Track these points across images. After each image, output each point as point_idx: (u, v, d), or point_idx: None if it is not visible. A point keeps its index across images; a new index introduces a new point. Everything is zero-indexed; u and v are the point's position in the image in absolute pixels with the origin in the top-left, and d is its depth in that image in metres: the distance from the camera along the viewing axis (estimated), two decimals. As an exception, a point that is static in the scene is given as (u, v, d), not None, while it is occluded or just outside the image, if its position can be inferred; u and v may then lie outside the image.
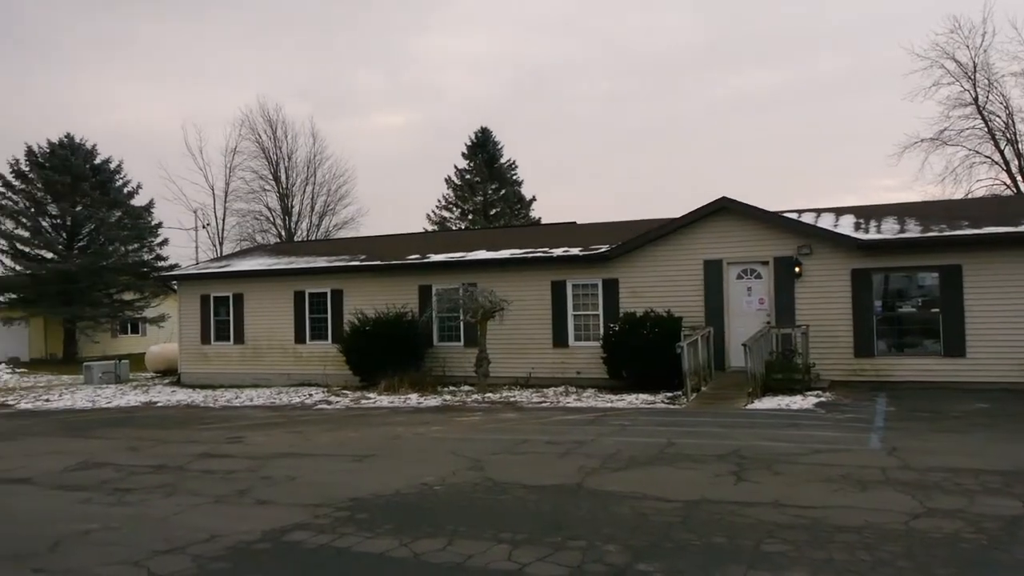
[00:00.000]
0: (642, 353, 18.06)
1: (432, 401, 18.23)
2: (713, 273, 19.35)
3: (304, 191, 52.64)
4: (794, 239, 18.72)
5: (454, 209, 56.10)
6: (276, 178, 52.00)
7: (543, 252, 21.12)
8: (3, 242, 41.55)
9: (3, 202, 41.78)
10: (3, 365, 38.55)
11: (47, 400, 22.49)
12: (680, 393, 16.78)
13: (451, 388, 20.11)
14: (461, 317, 21.01)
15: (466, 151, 56.29)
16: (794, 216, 19.76)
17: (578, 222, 27.06)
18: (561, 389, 19.30)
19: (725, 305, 19.26)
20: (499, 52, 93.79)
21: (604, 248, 20.30)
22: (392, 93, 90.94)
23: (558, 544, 6.20)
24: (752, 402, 15.43)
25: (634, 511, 7.27)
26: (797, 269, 18.62)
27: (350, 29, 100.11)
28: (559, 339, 20.72)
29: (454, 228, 52.39)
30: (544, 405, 17.03)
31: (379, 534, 6.69)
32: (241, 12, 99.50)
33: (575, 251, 20.68)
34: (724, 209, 19.29)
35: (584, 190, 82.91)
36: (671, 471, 9.21)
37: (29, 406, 21.32)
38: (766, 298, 18.99)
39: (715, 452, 10.19)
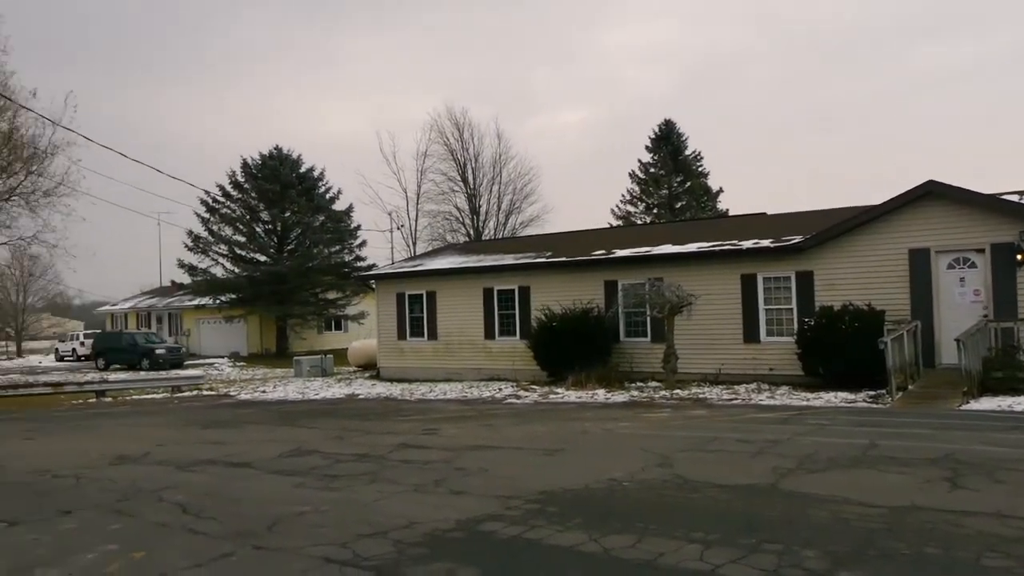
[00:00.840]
0: (840, 349, 17.11)
1: (619, 397, 18.18)
2: (919, 263, 18.01)
3: (490, 190, 54.09)
4: (1014, 223, 17.05)
5: (638, 203, 55.64)
6: (464, 179, 53.74)
7: (731, 245, 20.50)
8: (224, 247, 45.56)
9: (223, 210, 45.79)
10: (226, 359, 42.32)
11: (263, 392, 24.45)
12: (883, 392, 15.75)
13: (638, 384, 19.96)
14: (647, 312, 20.81)
15: (650, 144, 55.65)
16: (1014, 198, 17.99)
17: (768, 212, 26.05)
18: (752, 386, 18.66)
19: (934, 297, 17.88)
20: (676, 42, 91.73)
21: (797, 239, 19.41)
22: (571, 90, 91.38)
23: (752, 546, 6.00)
24: (967, 402, 14.24)
25: (834, 515, 6.90)
26: (1020, 257, 16.95)
27: (529, 30, 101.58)
28: (750, 335, 20.04)
29: (639, 223, 51.95)
30: (735, 402, 16.54)
31: (569, 528, 6.75)
32: (425, 20, 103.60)
33: (766, 243, 19.92)
34: (930, 193, 17.91)
35: (772, 179, 79.66)
36: (875, 474, 8.66)
37: (248, 397, 23.26)
38: (981, 289, 17.45)
39: (925, 455, 9.48)
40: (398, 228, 53.93)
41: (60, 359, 52.12)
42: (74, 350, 51.25)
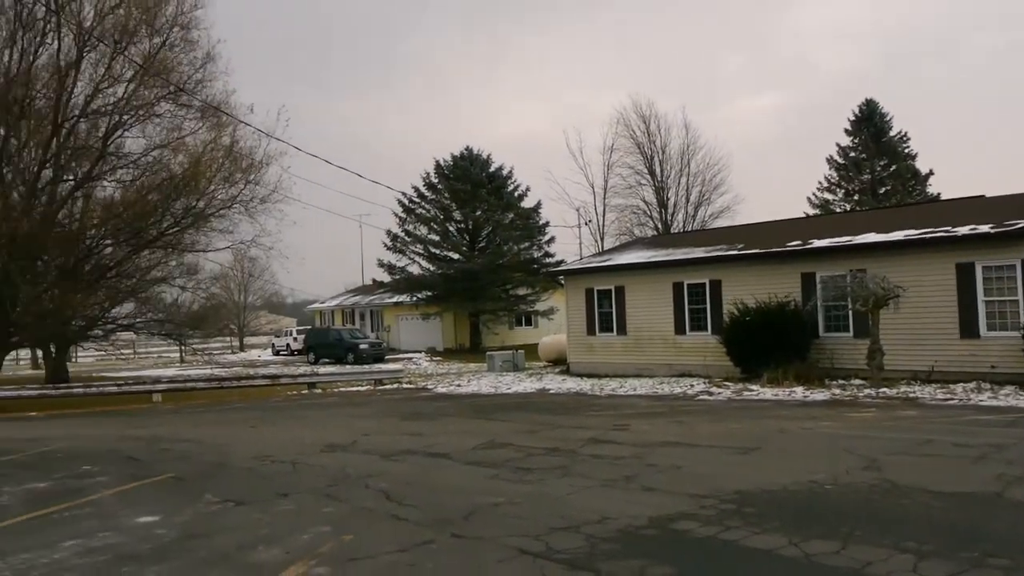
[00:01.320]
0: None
1: (819, 395, 17.30)
2: None
3: (678, 183, 53.10)
4: None
5: (837, 190, 52.70)
6: (651, 172, 53.08)
7: (944, 232, 18.95)
8: (420, 246, 47.61)
9: (418, 211, 47.85)
10: (423, 354, 44.21)
11: (458, 385, 25.33)
12: None
13: (839, 381, 18.90)
14: (849, 306, 19.65)
15: (849, 127, 52.55)
16: None
17: (987, 195, 23.85)
18: (972, 385, 17.16)
19: None
20: (872, 17, 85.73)
21: (1022, 223, 17.64)
22: (760, 76, 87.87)
23: (975, 560, 5.52)
24: None
25: (1073, 530, 6.22)
26: None
27: (713, 16, 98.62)
28: (967, 329, 18.44)
29: (838, 210, 49.18)
30: (950, 402, 15.29)
31: (767, 530, 6.50)
32: (607, 16, 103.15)
33: (985, 228, 18.25)
34: None
35: (990, 159, 72.90)
36: (1122, 486, 7.72)
37: (444, 390, 24.18)
38: None
39: None
40: (586, 223, 54.21)
41: (276, 353, 56.36)
42: (288, 345, 55.26)
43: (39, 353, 40.43)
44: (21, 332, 26.03)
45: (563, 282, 29.82)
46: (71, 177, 26.02)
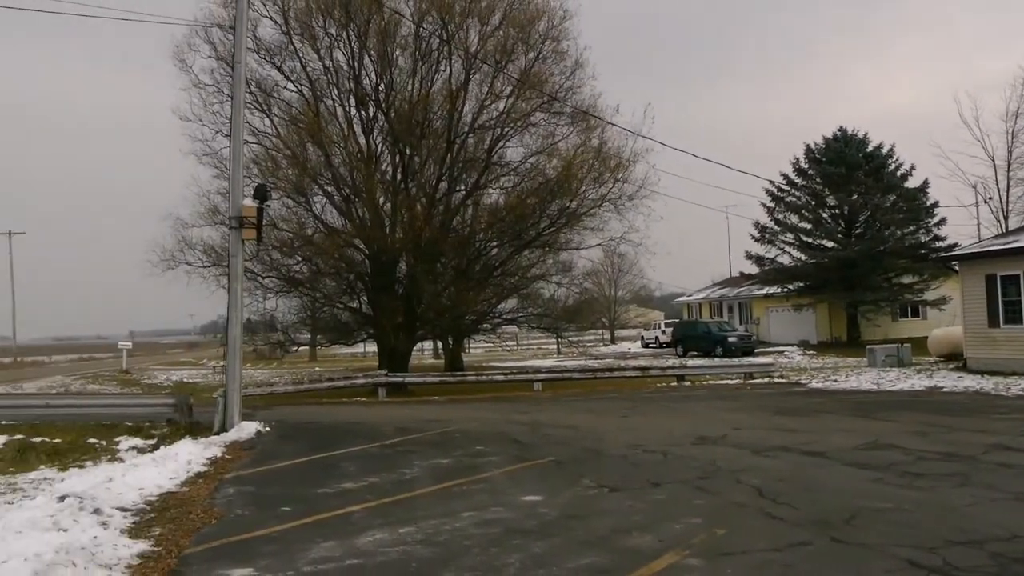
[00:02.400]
0: None
1: None
2: None
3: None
4: None
5: None
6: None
7: None
8: (790, 235, 45.59)
9: (788, 199, 45.85)
10: (794, 347, 42.35)
11: (834, 380, 23.86)
12: None
13: None
14: None
15: None
16: None
17: None
18: None
19: None
20: None
21: None
22: None
23: None
24: None
25: None
26: None
27: None
28: None
29: None
30: None
31: None
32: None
33: None
34: None
35: None
36: None
37: (819, 386, 22.93)
38: None
39: None
40: (984, 201, 47.73)
41: (645, 346, 57.61)
42: (656, 338, 56.21)
43: (439, 344, 45.68)
44: (425, 326, 29.58)
45: (957, 268, 26.65)
46: (462, 187, 28.96)
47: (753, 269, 48.18)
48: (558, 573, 5.90)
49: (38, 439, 13.98)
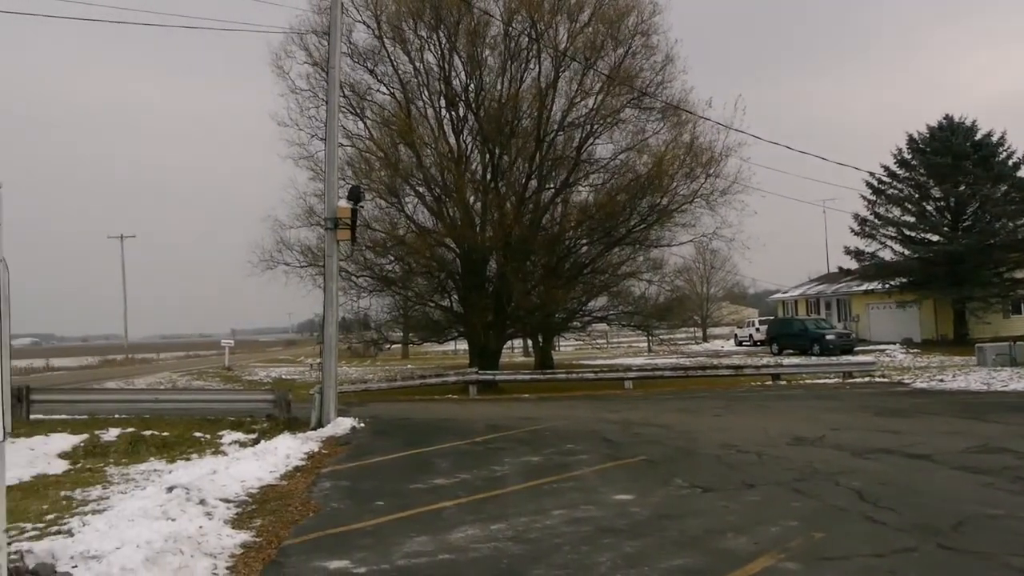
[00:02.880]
0: None
1: None
2: None
3: None
4: None
5: None
6: None
7: None
8: (891, 229, 43.89)
9: (889, 191, 44.15)
10: (897, 345, 40.79)
11: (940, 380, 22.88)
12: None
13: None
14: None
15: None
16: None
17: None
18: None
19: None
20: None
21: None
22: None
23: None
24: None
25: None
26: None
27: None
28: None
29: None
30: None
31: None
32: None
33: None
34: None
35: None
36: None
37: (923, 385, 22.02)
38: None
39: None
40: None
41: (738, 344, 56.48)
42: (750, 335, 55.04)
43: (529, 342, 45.81)
44: (515, 324, 29.71)
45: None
46: (551, 185, 28.94)
47: (852, 264, 46.61)
48: (650, 573, 5.85)
49: (148, 432, 14.66)
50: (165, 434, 14.61)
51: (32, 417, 16.49)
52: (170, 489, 8.83)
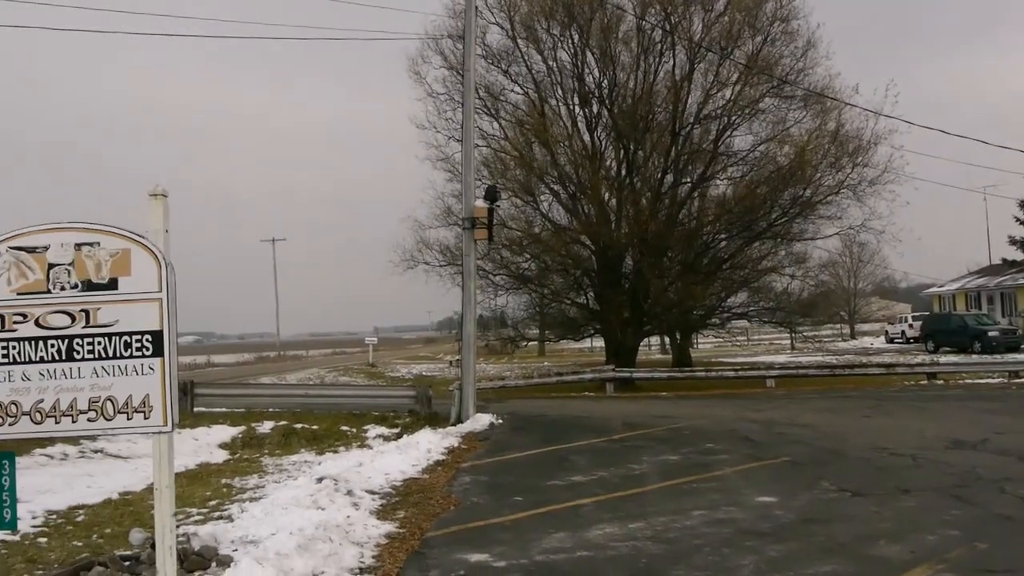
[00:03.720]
0: None
1: None
2: None
3: None
4: None
5: None
6: None
7: None
8: (1062, 217, 40.55)
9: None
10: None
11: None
12: None
13: None
14: None
15: None
16: None
17: None
18: None
19: None
20: None
21: None
22: None
23: None
24: None
25: None
26: None
27: None
28: None
29: None
30: None
31: None
32: None
33: None
34: None
35: None
36: None
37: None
38: None
39: None
40: None
41: (890, 341, 53.62)
42: (903, 332, 52.15)
43: (666, 340, 45.17)
44: (651, 321, 29.37)
45: None
46: (688, 179, 28.39)
47: (1018, 255, 43.38)
48: (796, 579, 5.65)
49: (299, 425, 15.42)
50: (315, 427, 15.31)
51: (196, 410, 17.64)
52: (320, 480, 9.26)
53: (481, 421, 15.71)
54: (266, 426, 15.35)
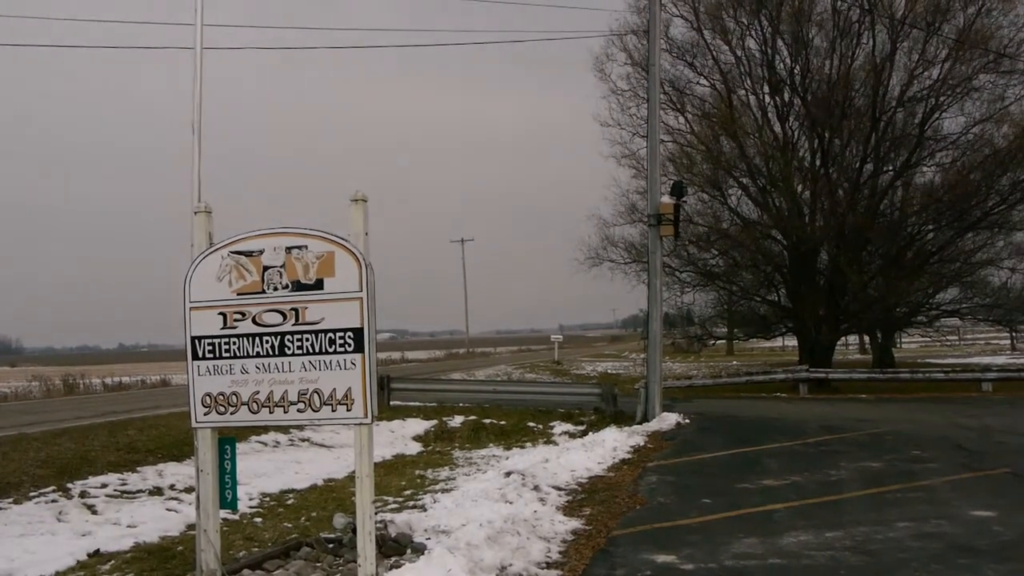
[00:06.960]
0: None
1: None
2: None
3: None
4: None
5: None
6: None
7: None
8: None
9: None
10: None
11: None
12: None
13: None
14: None
15: None
16: None
17: None
18: None
19: None
20: None
21: None
22: None
23: None
24: None
25: None
26: None
27: None
28: None
29: None
30: None
31: None
32: None
33: None
34: None
35: None
36: None
37: None
38: None
39: None
40: None
41: None
42: None
43: (865, 339, 42.56)
44: (849, 319, 27.74)
45: None
46: (890, 168, 26.57)
47: None
48: (1019, 603, 5.15)
49: (487, 420, 15.86)
50: (502, 423, 15.69)
51: (392, 403, 18.55)
52: (507, 474, 9.47)
53: (667, 420, 15.49)
54: (456, 420, 15.89)
